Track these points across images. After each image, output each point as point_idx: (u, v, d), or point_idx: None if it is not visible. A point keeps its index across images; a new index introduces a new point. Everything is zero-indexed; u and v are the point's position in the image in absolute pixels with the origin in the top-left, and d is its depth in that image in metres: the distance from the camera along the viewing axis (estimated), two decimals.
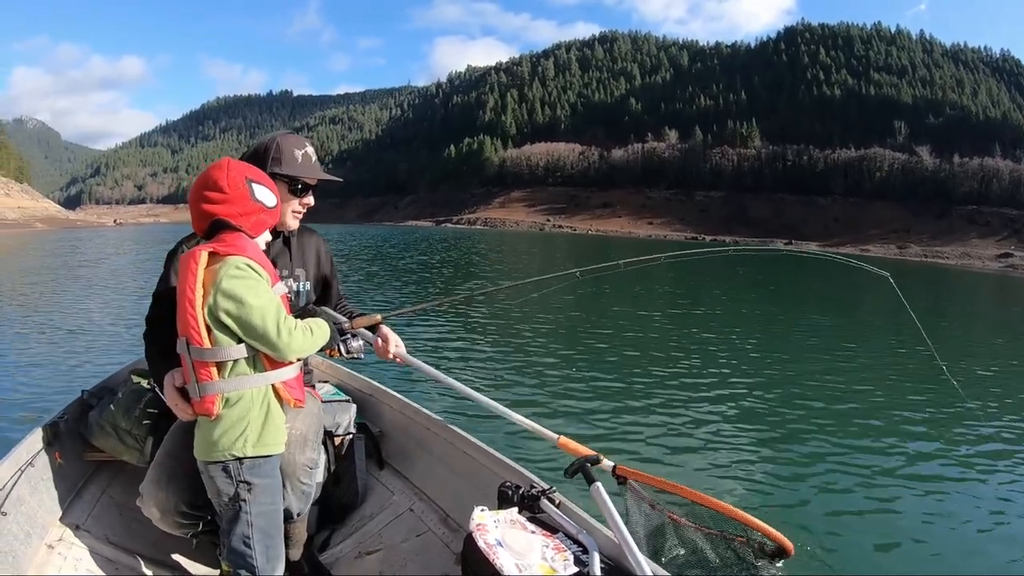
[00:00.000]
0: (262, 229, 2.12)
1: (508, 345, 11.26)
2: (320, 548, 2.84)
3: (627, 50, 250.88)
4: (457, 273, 26.75)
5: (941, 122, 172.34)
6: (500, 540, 2.02)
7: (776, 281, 31.68)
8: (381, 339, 2.80)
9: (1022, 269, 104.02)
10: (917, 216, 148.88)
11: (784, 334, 15.35)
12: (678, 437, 6.79)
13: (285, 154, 2.42)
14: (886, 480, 5.94)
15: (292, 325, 2.02)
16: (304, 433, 2.36)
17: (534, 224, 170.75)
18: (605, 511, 2.15)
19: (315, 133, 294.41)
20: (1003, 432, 7.64)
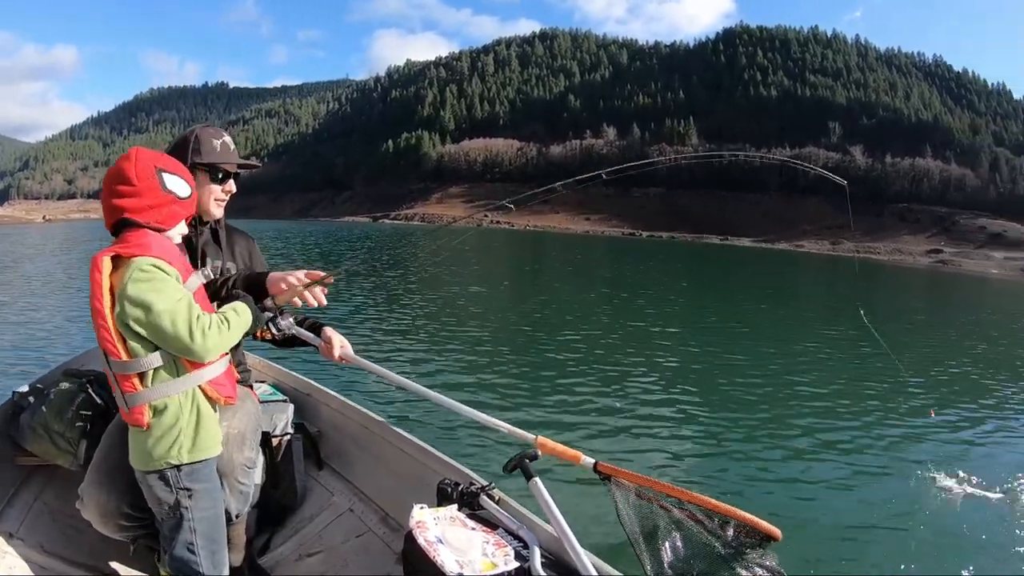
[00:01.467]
0: (176, 221, 2.04)
1: (459, 342, 11.29)
2: (260, 551, 2.80)
3: (567, 47, 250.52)
4: (406, 272, 25.82)
5: (874, 123, 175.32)
6: (440, 537, 2.02)
7: (714, 274, 35.17)
8: (325, 341, 2.77)
9: (951, 264, 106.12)
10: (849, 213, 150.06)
11: (726, 325, 16.28)
12: (646, 431, 6.96)
13: (204, 144, 2.49)
14: (857, 461, 6.46)
15: (206, 323, 1.91)
16: (242, 432, 2.35)
17: (471, 220, 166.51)
18: (544, 506, 2.13)
19: (251, 126, 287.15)
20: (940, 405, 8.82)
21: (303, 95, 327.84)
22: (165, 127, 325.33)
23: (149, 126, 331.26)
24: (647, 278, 29.65)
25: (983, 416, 8.65)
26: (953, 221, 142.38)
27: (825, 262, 76.80)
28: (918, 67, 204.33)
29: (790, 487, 5.78)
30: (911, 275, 60.64)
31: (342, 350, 2.75)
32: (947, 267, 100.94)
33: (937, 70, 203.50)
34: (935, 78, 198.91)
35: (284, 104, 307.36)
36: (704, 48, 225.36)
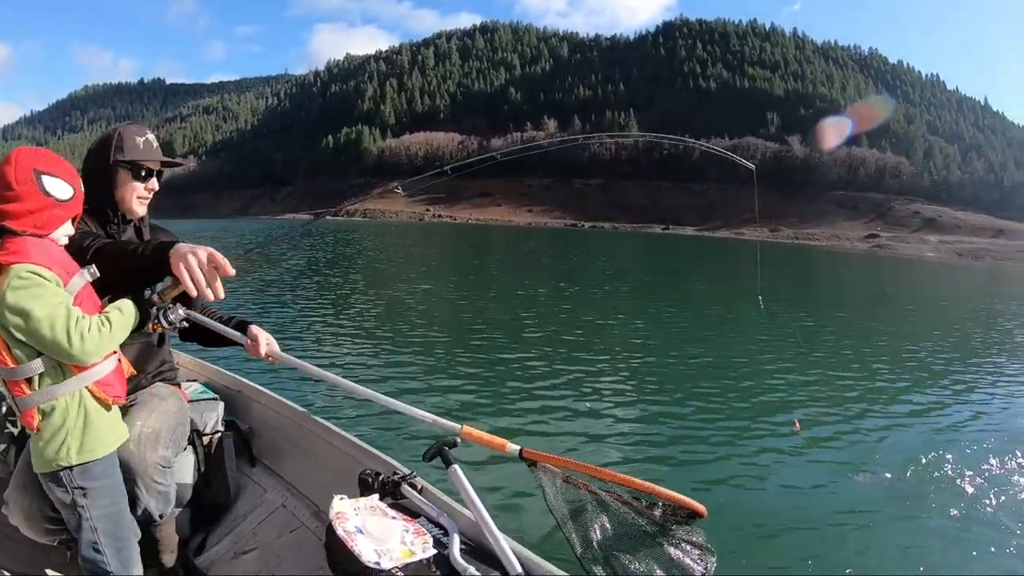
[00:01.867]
0: (57, 224, 1.99)
1: (394, 337, 11.19)
2: (197, 551, 2.82)
3: (508, 40, 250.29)
4: (347, 273, 24.25)
5: (811, 114, 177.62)
6: (360, 527, 2.04)
7: (649, 263, 35.87)
8: (251, 339, 2.78)
9: (888, 248, 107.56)
10: (788, 201, 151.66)
11: (656, 312, 16.54)
12: (573, 417, 7.03)
13: (127, 142, 2.47)
14: (772, 440, 6.64)
15: (85, 327, 1.88)
16: (156, 431, 2.34)
17: (414, 215, 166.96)
18: (463, 492, 2.19)
19: (188, 123, 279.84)
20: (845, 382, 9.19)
21: (241, 91, 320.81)
22: (100, 125, 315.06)
23: (84, 125, 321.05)
24: (586, 268, 30.03)
25: (910, 397, 8.81)
26: (889, 207, 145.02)
27: (764, 249, 78.95)
28: (854, 59, 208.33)
29: (717, 467, 5.89)
30: (848, 259, 62.65)
31: (268, 347, 2.77)
32: (884, 251, 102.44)
33: (873, 62, 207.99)
34: (871, 69, 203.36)
35: (222, 100, 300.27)
36: (644, 41, 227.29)
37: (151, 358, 2.62)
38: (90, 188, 2.27)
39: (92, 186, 2.31)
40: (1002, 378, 10.18)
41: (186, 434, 2.65)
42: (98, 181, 2.41)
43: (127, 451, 2.17)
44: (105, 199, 2.45)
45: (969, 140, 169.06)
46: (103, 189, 2.43)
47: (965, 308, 22.05)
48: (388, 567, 1.90)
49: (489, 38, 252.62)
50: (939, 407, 8.22)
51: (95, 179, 2.40)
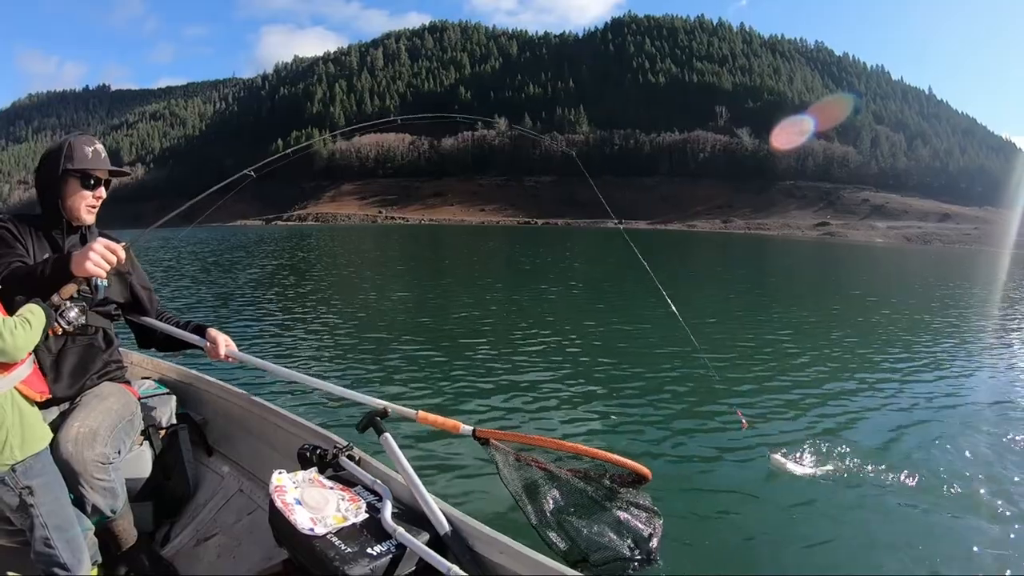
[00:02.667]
0: None
1: (349, 333, 11.40)
2: (162, 543, 2.92)
3: (457, 40, 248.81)
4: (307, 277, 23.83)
5: (759, 106, 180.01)
6: (299, 499, 2.18)
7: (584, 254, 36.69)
8: (210, 341, 2.93)
9: (838, 235, 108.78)
10: (739, 192, 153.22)
11: (609, 301, 16.70)
12: (517, 395, 7.39)
13: (76, 151, 2.57)
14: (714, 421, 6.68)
15: (12, 325, 2.02)
16: (94, 430, 2.40)
17: (367, 217, 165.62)
18: (394, 458, 2.32)
19: (135, 130, 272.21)
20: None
21: (188, 95, 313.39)
22: (45, 135, 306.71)
23: (28, 135, 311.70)
24: (543, 264, 30.34)
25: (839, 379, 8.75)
26: (838, 195, 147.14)
27: (717, 239, 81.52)
28: (801, 52, 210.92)
29: (663, 439, 6.11)
30: (800, 247, 63.83)
31: (227, 348, 2.91)
32: (835, 238, 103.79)
33: (819, 55, 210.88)
34: (817, 62, 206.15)
35: (169, 106, 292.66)
36: (593, 37, 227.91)
37: (95, 359, 2.67)
38: (41, 196, 2.61)
39: (43, 194, 2.60)
40: (951, 362, 10.18)
41: (133, 430, 2.70)
42: (49, 189, 2.56)
43: (66, 452, 2.26)
44: (55, 207, 2.57)
45: (914, 128, 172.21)
46: (53, 197, 2.56)
47: (914, 291, 22.19)
48: (322, 533, 2.04)
49: (438, 38, 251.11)
50: (880, 390, 8.14)
51: (46, 188, 2.57)
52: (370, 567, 1.98)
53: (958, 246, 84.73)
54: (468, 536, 2.08)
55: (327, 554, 1.99)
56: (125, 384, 2.80)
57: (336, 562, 1.96)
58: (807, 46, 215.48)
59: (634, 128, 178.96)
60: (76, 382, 2.58)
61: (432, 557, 1.98)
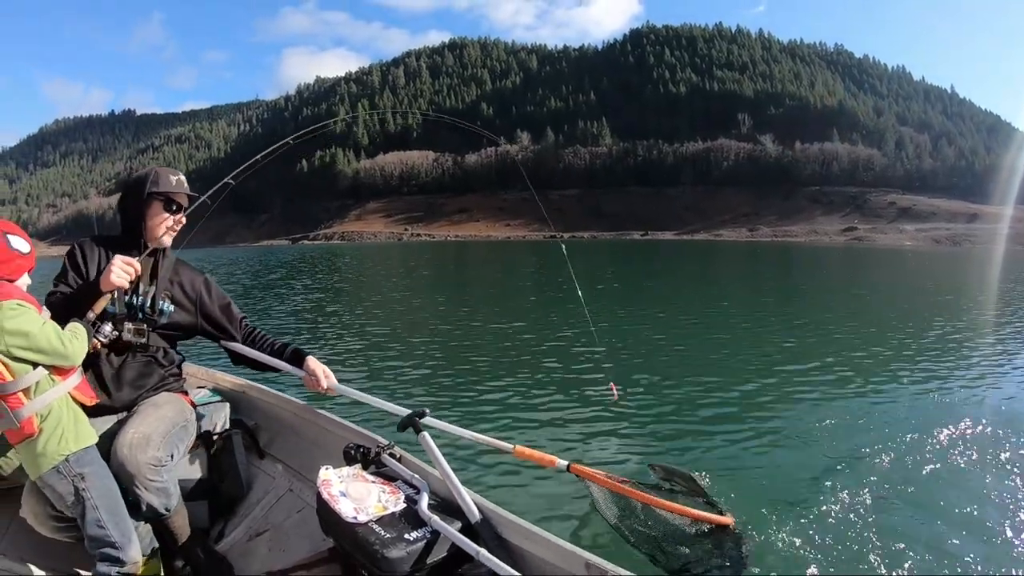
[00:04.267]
0: (22, 272, 2.39)
1: (427, 356, 10.43)
2: (216, 539, 3.07)
3: (477, 56, 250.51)
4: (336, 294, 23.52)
5: (782, 112, 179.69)
6: (343, 491, 2.39)
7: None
8: (308, 372, 3.07)
9: (866, 240, 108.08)
10: (764, 200, 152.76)
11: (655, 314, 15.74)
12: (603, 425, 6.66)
13: (161, 178, 2.80)
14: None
15: (69, 336, 2.32)
16: (147, 435, 2.53)
17: (392, 234, 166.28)
18: (432, 455, 2.55)
19: (161, 154, 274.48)
20: None
21: (213, 118, 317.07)
22: (72, 159, 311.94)
23: (56, 159, 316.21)
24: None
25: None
26: (864, 199, 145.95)
27: (743, 248, 78.07)
28: (821, 56, 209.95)
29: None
30: (828, 253, 61.22)
31: (328, 381, 3.05)
32: (862, 243, 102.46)
33: (839, 58, 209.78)
34: (838, 65, 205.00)
35: (194, 128, 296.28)
36: (612, 49, 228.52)
37: (153, 373, 2.82)
38: (125, 217, 2.84)
39: (127, 216, 2.83)
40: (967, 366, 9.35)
41: (188, 435, 2.84)
42: (132, 211, 2.80)
43: (121, 455, 2.44)
44: (136, 228, 2.78)
45: (939, 128, 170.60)
46: (136, 219, 2.78)
47: (938, 294, 21.09)
48: (364, 520, 2.25)
49: (458, 55, 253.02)
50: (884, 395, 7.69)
51: (130, 210, 2.81)
52: (406, 551, 2.16)
53: (988, 246, 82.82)
54: (497, 524, 2.24)
55: (368, 539, 2.18)
56: (182, 394, 2.98)
57: (376, 546, 2.15)
58: (827, 49, 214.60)
59: (656, 138, 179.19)
60: (134, 393, 2.75)
61: (463, 542, 2.16)
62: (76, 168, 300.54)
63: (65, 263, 2.71)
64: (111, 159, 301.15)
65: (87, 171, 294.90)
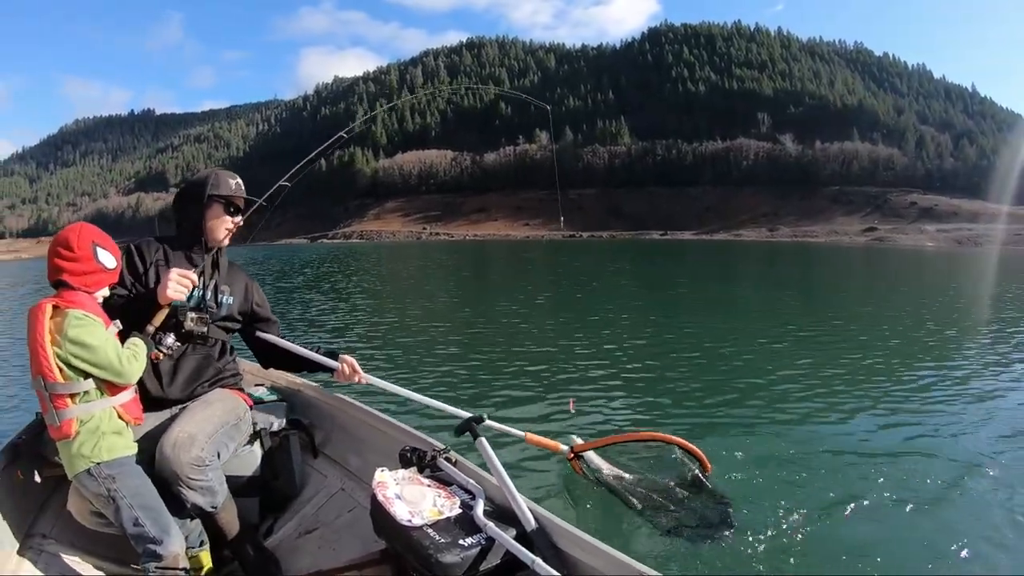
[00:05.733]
0: (101, 286, 2.47)
1: (448, 348, 11.05)
2: (266, 535, 3.13)
3: (495, 55, 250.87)
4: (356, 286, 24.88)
5: (802, 111, 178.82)
6: (398, 494, 2.39)
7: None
8: (344, 364, 3.25)
9: (888, 240, 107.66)
10: (784, 199, 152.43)
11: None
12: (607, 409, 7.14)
13: (221, 182, 2.98)
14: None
15: (129, 355, 2.39)
16: (192, 434, 2.59)
17: (411, 234, 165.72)
18: (488, 461, 2.56)
19: (180, 153, 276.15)
20: None
21: (231, 118, 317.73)
22: (92, 159, 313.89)
23: (76, 159, 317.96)
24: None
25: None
26: (885, 199, 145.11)
27: (764, 248, 77.55)
28: (840, 54, 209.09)
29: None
30: (848, 254, 60.50)
31: (359, 374, 3.23)
32: (883, 244, 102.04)
33: (859, 56, 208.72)
34: (857, 64, 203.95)
35: (213, 128, 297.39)
36: (631, 48, 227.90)
37: (209, 367, 2.93)
38: (185, 219, 2.98)
39: (186, 217, 2.97)
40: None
41: (240, 433, 2.91)
42: (193, 213, 2.94)
43: (164, 455, 2.50)
44: (195, 229, 2.94)
45: (960, 127, 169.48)
46: (197, 220, 2.93)
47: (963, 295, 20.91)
48: (419, 524, 2.25)
49: (476, 54, 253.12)
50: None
51: (190, 211, 2.95)
52: (460, 556, 2.15)
53: (1011, 247, 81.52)
54: (553, 533, 2.23)
55: (422, 543, 2.18)
56: (238, 391, 3.09)
57: (430, 551, 2.15)
58: (846, 48, 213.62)
59: (676, 137, 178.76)
60: (189, 387, 2.86)
61: (518, 550, 2.13)
62: (96, 167, 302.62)
63: (121, 265, 2.68)
64: (130, 158, 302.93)
65: (107, 170, 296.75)
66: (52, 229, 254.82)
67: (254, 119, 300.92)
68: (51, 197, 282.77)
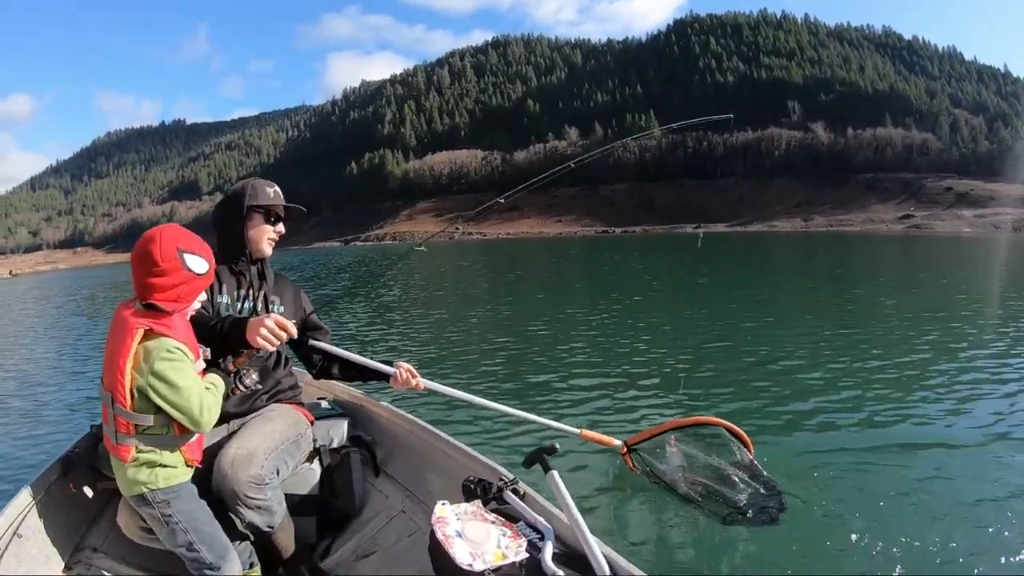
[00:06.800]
0: (196, 295, 2.31)
1: (499, 350, 11.08)
2: (322, 555, 3.03)
3: (521, 53, 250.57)
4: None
5: (832, 98, 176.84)
6: (459, 531, 2.17)
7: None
8: (400, 369, 3.09)
9: (924, 228, 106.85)
10: (818, 188, 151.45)
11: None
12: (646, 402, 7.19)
13: (259, 192, 2.90)
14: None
15: (210, 403, 2.24)
16: (251, 451, 2.53)
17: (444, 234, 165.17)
18: (560, 498, 2.32)
19: (212, 161, 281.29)
20: None
21: (261, 125, 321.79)
22: (126, 170, 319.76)
23: (109, 170, 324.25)
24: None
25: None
26: (920, 186, 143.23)
27: (799, 238, 76.51)
28: (869, 39, 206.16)
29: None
30: (885, 242, 59.04)
31: (416, 379, 3.08)
32: (920, 231, 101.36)
33: (888, 40, 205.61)
34: (887, 48, 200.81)
35: (243, 136, 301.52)
36: (657, 41, 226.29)
37: (266, 379, 2.90)
38: (225, 232, 2.92)
39: (227, 230, 2.90)
40: None
41: (299, 451, 2.88)
42: (233, 225, 2.88)
43: (221, 473, 2.44)
44: (238, 241, 2.88)
45: (994, 110, 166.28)
46: (238, 232, 2.87)
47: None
48: (480, 569, 2.02)
49: (502, 52, 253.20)
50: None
51: (230, 224, 2.90)
52: None
53: None
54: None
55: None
56: (298, 405, 3.06)
57: None
58: (875, 32, 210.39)
59: (706, 129, 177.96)
60: (246, 401, 2.82)
61: None
62: (129, 178, 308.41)
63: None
64: (163, 168, 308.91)
65: (140, 180, 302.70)
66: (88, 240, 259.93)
67: (283, 125, 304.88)
68: (86, 208, 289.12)
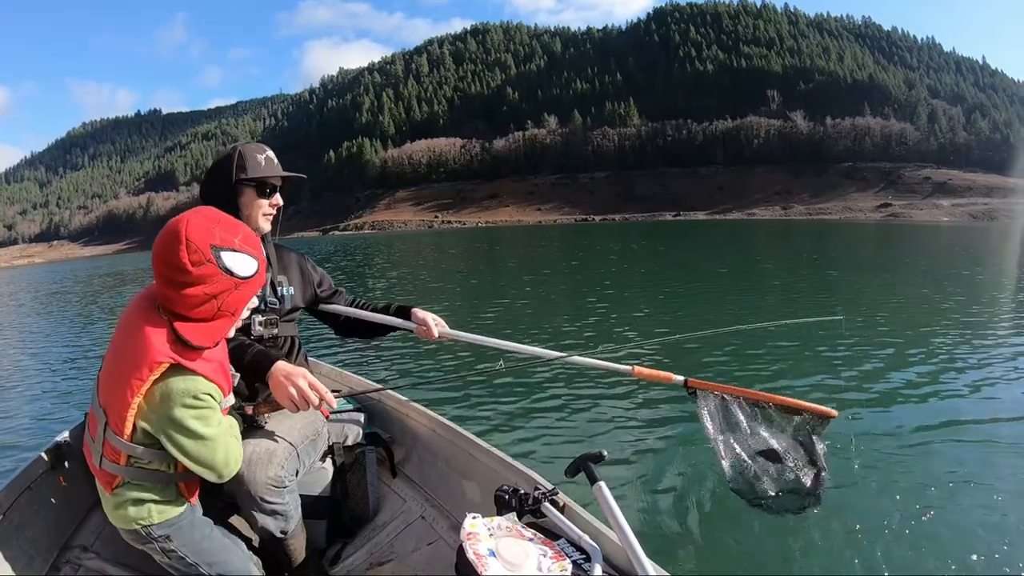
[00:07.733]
0: (244, 304, 1.88)
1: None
2: (332, 561, 2.80)
3: (500, 41, 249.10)
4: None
5: (812, 88, 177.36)
6: (493, 549, 1.89)
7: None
8: (419, 323, 2.94)
9: (903, 216, 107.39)
10: (797, 177, 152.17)
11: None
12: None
13: (249, 160, 2.48)
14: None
15: (236, 453, 1.94)
16: (271, 450, 2.32)
17: (423, 223, 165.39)
18: (608, 512, 1.98)
19: (188, 151, 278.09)
20: None
21: (238, 114, 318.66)
22: (101, 161, 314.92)
23: (85, 162, 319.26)
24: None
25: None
26: (898, 175, 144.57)
27: (778, 226, 76.87)
28: (848, 29, 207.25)
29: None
30: (864, 231, 59.50)
31: (439, 328, 2.93)
32: (898, 220, 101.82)
33: (867, 30, 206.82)
34: (866, 38, 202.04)
35: (220, 125, 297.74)
36: (637, 29, 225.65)
37: None
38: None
39: (217, 207, 2.27)
40: None
41: (316, 450, 2.62)
42: (223, 201, 2.35)
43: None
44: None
45: (972, 101, 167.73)
46: (228, 209, 2.25)
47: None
48: None
49: (481, 40, 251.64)
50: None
51: (219, 200, 2.37)
52: None
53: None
54: None
55: None
56: None
57: None
58: (854, 22, 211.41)
59: (685, 118, 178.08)
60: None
61: None
62: (105, 169, 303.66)
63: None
64: (139, 159, 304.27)
65: (116, 172, 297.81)
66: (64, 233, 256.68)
67: (261, 114, 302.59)
68: (62, 201, 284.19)
